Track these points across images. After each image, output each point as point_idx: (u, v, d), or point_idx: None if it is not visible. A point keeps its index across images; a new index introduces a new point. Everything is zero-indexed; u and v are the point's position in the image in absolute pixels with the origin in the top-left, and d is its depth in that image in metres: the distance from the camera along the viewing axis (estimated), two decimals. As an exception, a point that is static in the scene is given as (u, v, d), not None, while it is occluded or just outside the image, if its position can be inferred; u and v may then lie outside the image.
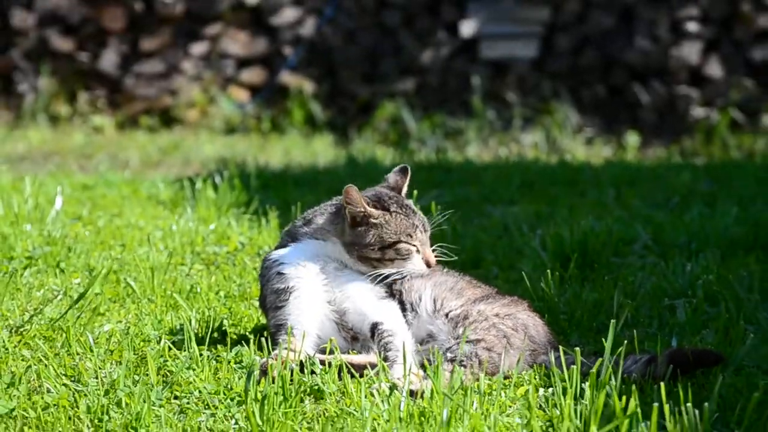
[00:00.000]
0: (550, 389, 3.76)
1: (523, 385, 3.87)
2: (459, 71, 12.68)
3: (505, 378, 3.95)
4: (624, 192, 7.26)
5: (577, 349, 3.61)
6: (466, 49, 12.71)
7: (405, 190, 4.38)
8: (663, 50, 12.39)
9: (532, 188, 7.57)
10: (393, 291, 4.21)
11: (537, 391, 3.81)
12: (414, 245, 4.23)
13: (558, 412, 3.53)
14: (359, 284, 4.19)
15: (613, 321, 3.55)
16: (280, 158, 10.20)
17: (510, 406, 3.71)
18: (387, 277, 4.20)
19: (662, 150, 11.29)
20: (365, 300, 4.14)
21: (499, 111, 12.44)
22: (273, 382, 3.61)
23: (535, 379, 3.92)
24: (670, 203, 6.89)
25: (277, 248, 4.33)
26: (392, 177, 4.40)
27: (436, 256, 4.29)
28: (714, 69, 12.39)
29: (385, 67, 12.72)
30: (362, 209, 4.18)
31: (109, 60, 12.68)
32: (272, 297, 4.17)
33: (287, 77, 12.77)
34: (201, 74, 12.76)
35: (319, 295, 4.15)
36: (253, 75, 12.87)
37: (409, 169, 4.43)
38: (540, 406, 3.71)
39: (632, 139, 11.89)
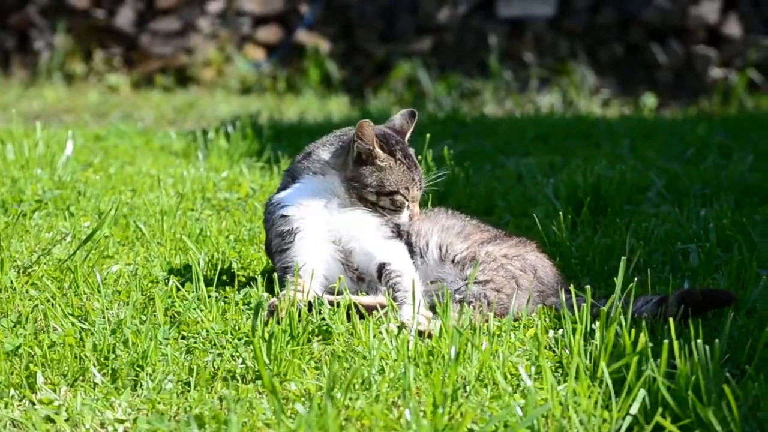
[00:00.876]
0: (560, 330, 3.72)
1: (532, 326, 3.81)
2: (476, 30, 12.60)
3: (515, 320, 3.90)
4: (639, 144, 7.20)
5: (588, 287, 3.56)
6: (483, 7, 12.62)
7: (409, 136, 4.32)
8: (681, 8, 12.28)
9: (546, 141, 7.51)
10: (401, 231, 4.16)
11: (546, 332, 3.76)
12: (408, 200, 4.18)
13: (567, 352, 3.48)
14: (365, 223, 4.13)
15: (624, 258, 3.49)
16: (294, 117, 10.14)
17: (519, 348, 3.66)
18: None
19: (679, 111, 11.19)
20: (372, 240, 4.09)
21: (516, 71, 12.37)
22: (280, 322, 3.57)
23: (545, 320, 3.87)
24: (685, 154, 6.83)
25: (279, 190, 4.27)
26: (398, 119, 4.34)
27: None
28: (732, 28, 12.28)
29: (401, 26, 12.64)
30: (371, 147, 4.12)
31: (125, 17, 12.63)
32: (277, 240, 4.12)
33: (303, 36, 12.71)
34: (217, 32, 12.71)
35: (323, 236, 4.10)
36: (269, 33, 12.81)
37: (416, 114, 4.36)
38: (549, 347, 3.66)
39: (649, 100, 11.80)
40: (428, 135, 5.04)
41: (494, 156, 6.73)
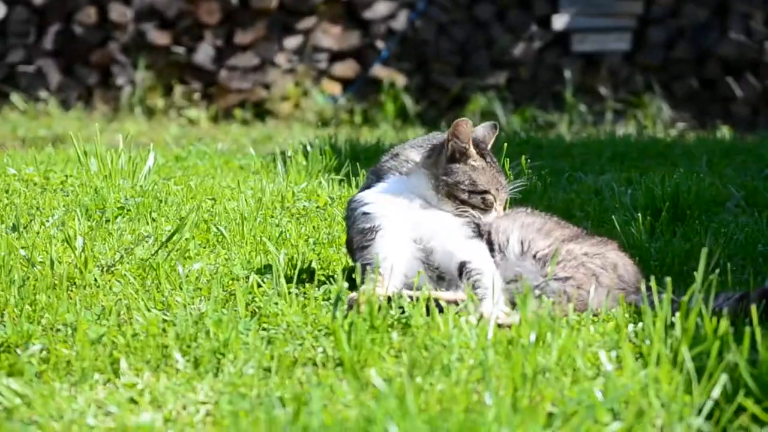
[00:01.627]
0: (640, 324, 3.69)
1: (612, 320, 3.79)
2: (550, 65, 12.62)
3: (594, 315, 3.88)
4: (716, 162, 7.15)
5: (669, 279, 3.52)
6: (557, 43, 12.64)
7: (490, 147, 4.33)
8: (757, 44, 12.22)
9: (622, 161, 7.49)
10: (481, 230, 4.16)
11: (626, 326, 3.74)
12: (497, 201, 4.19)
13: (648, 343, 3.46)
14: (446, 222, 4.13)
15: (704, 250, 3.45)
16: (372, 140, 10.20)
17: (599, 339, 3.64)
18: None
19: (757, 137, 11.10)
20: (453, 238, 4.09)
21: (591, 104, 12.35)
22: (359, 313, 3.57)
23: (625, 316, 3.84)
24: (764, 172, 6.77)
25: (362, 189, 4.30)
26: (481, 130, 4.34)
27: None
28: (810, 63, 12.20)
29: (476, 61, 12.68)
30: (466, 146, 4.15)
31: (204, 53, 12.79)
32: (358, 237, 4.13)
33: (379, 70, 12.78)
34: (294, 67, 12.82)
35: (405, 234, 4.10)
36: (345, 68, 12.90)
37: (498, 126, 4.39)
38: (629, 339, 3.64)
39: (725, 133, 11.70)
40: (505, 145, 5.05)
41: (570, 173, 6.72)
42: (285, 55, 12.87)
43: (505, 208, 4.28)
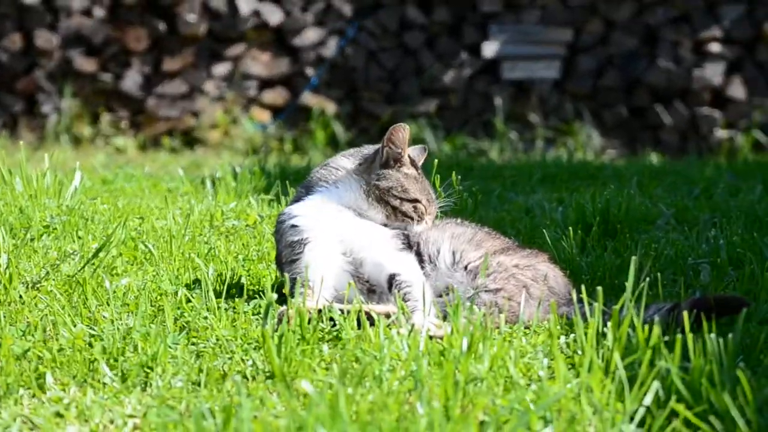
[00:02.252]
0: (572, 336, 3.70)
1: (543, 333, 3.80)
2: (481, 92, 12.68)
3: (525, 327, 3.89)
4: (646, 183, 7.22)
5: (600, 288, 3.54)
6: (487, 70, 12.71)
7: (420, 163, 4.35)
8: (686, 71, 12.37)
9: (553, 182, 7.55)
10: (410, 242, 4.16)
11: (558, 338, 3.75)
12: (429, 214, 4.20)
13: (580, 353, 3.47)
14: (376, 235, 4.13)
15: (634, 258, 3.48)
16: (302, 164, 10.22)
17: (530, 351, 3.65)
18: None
19: (686, 161, 11.24)
20: (382, 251, 4.08)
21: (522, 132, 12.43)
22: (290, 324, 3.56)
23: (557, 327, 3.85)
24: (693, 192, 6.85)
25: (292, 203, 4.29)
26: (412, 151, 4.36)
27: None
28: (737, 90, 12.36)
29: (407, 88, 12.73)
30: (401, 152, 4.17)
31: (131, 80, 12.72)
32: (287, 251, 4.12)
33: (309, 98, 12.79)
34: (223, 95, 12.79)
35: (334, 247, 4.09)
36: (275, 96, 12.89)
37: (426, 149, 4.42)
38: (561, 350, 3.65)
39: (655, 160, 11.82)
40: (436, 162, 5.06)
41: (502, 194, 6.76)
42: (214, 83, 12.84)
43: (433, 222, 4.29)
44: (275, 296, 3.72)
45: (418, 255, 4.12)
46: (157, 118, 12.74)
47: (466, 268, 4.05)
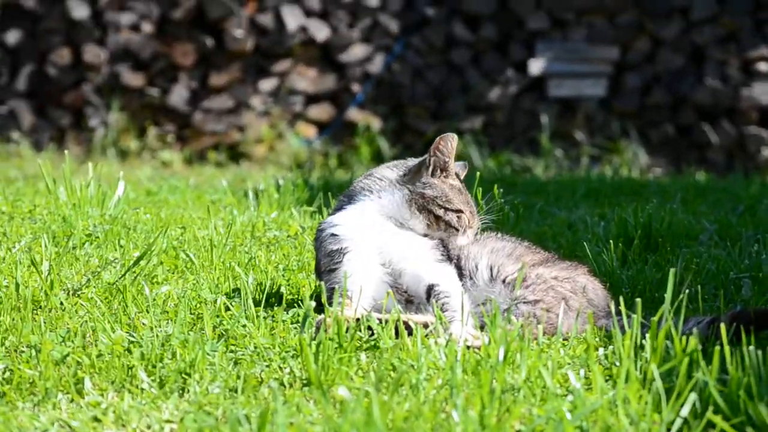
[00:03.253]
0: (610, 348, 3.69)
1: (582, 344, 3.79)
2: (527, 109, 12.68)
3: (564, 339, 3.89)
4: (690, 200, 7.20)
5: (639, 300, 3.53)
6: (534, 88, 12.71)
7: (462, 176, 4.37)
8: (733, 90, 12.30)
9: (596, 197, 7.55)
10: (450, 255, 4.16)
11: (596, 350, 3.74)
12: (471, 227, 4.20)
13: (618, 364, 3.46)
14: (416, 245, 4.14)
15: (672, 270, 3.46)
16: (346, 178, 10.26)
17: (568, 363, 3.64)
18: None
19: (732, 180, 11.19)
20: (422, 261, 4.09)
21: (567, 149, 12.42)
22: (327, 333, 3.56)
23: (595, 339, 3.84)
24: (738, 209, 6.82)
25: (333, 212, 4.30)
26: (454, 167, 4.37)
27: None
28: (785, 109, 12.29)
29: (452, 105, 12.74)
30: (448, 161, 4.18)
31: (178, 95, 12.80)
32: (326, 260, 4.13)
33: (355, 114, 12.82)
34: (269, 110, 12.85)
35: (373, 257, 4.10)
36: (320, 111, 12.94)
37: (467, 165, 4.45)
38: (599, 362, 3.64)
39: (701, 178, 11.76)
40: (478, 175, 5.07)
41: (544, 209, 6.77)
42: (260, 98, 12.90)
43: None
44: (313, 305, 3.73)
45: (458, 269, 4.11)
46: (203, 132, 12.82)
47: (504, 281, 4.05)
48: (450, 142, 4.17)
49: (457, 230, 4.17)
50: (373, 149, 12.59)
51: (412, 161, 4.31)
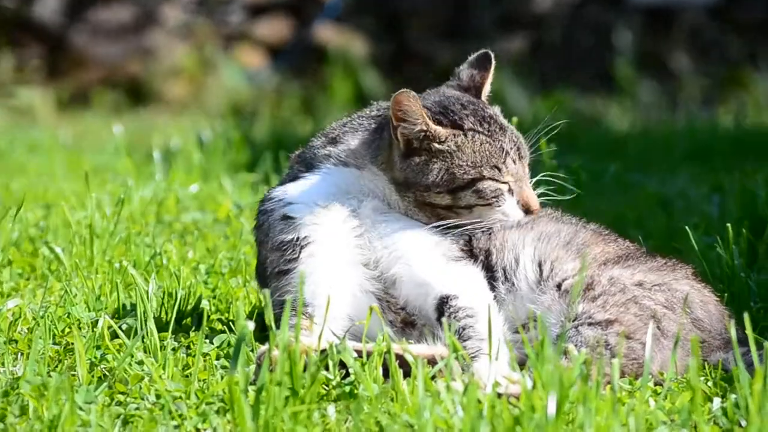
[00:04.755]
0: (732, 396, 3.63)
1: (685, 391, 3.73)
2: (595, 23, 12.67)
3: (656, 384, 3.82)
4: None
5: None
6: (607, -11, 12.72)
7: (487, 91, 4.28)
8: None
9: (706, 158, 7.52)
10: (473, 249, 4.10)
11: (710, 400, 3.67)
12: (505, 182, 4.12)
13: (744, 423, 3.41)
14: (416, 236, 4.10)
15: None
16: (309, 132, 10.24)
17: (662, 422, 3.58)
18: (460, 226, 4.10)
19: None
20: (428, 262, 4.04)
21: (659, 84, 12.40)
22: (273, 370, 3.50)
23: (705, 383, 3.78)
24: None
25: (282, 182, 4.25)
26: (466, 72, 4.35)
27: (540, 196, 4.19)
28: None
29: (477, 16, 12.72)
30: (422, 127, 4.09)
31: (47, 4, 12.77)
32: (275, 256, 4.09)
33: (326, 32, 12.83)
34: (191, 26, 12.83)
35: (349, 254, 4.07)
36: (272, 28, 12.94)
37: (492, 58, 4.37)
38: (713, 420, 3.58)
39: None
40: (516, 121, 5.00)
41: (622, 176, 6.72)
42: (176, 7, 12.88)
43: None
44: (252, 327, 3.65)
45: (487, 269, 4.06)
46: (86, 60, 12.79)
47: (559, 287, 3.98)
48: (409, 102, 4.07)
49: (488, 205, 4.10)
50: (354, 86, 12.57)
51: (370, 118, 4.25)
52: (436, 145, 4.10)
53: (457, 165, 4.09)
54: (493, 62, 4.37)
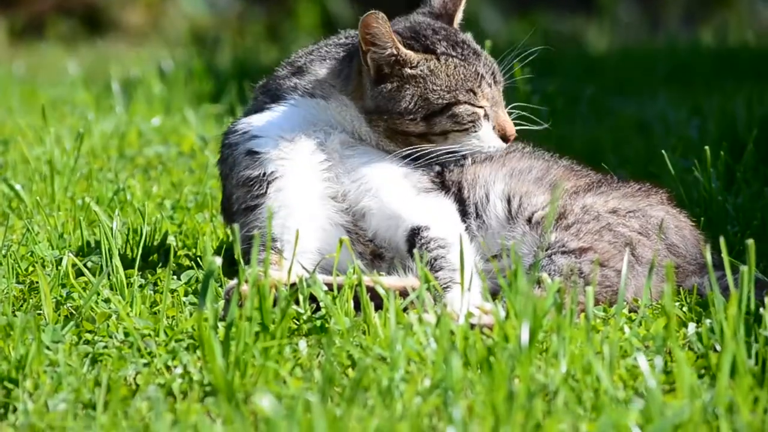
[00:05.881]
0: (707, 321, 3.71)
1: (659, 317, 3.81)
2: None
3: (630, 311, 3.91)
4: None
5: (751, 242, 3.53)
6: None
7: (459, 18, 4.36)
8: None
9: (687, 79, 7.51)
10: (445, 181, 4.18)
11: (683, 326, 3.76)
12: (480, 106, 4.20)
13: (718, 350, 3.49)
14: (385, 169, 4.19)
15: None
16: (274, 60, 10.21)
17: (636, 348, 3.66)
18: (430, 155, 4.18)
19: None
20: (398, 193, 4.14)
21: (641, 1, 12.41)
22: (242, 305, 3.56)
23: (680, 309, 3.87)
24: None
25: (247, 113, 4.33)
26: None
27: (514, 123, 4.26)
28: None
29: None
30: (393, 51, 4.16)
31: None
32: (241, 192, 4.16)
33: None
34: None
35: (317, 187, 4.15)
36: (234, -52, 12.90)
37: None
38: (689, 346, 3.67)
39: None
40: (489, 45, 5.07)
41: (599, 99, 6.76)
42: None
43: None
44: (220, 262, 3.71)
45: (460, 203, 4.14)
46: (38, -13, 12.76)
47: (530, 220, 4.07)
48: (378, 24, 4.13)
49: (463, 131, 4.19)
50: (320, 10, 12.55)
51: (338, 46, 4.32)
52: (408, 70, 4.17)
53: (431, 90, 4.16)
54: None
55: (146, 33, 12.55)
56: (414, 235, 4.04)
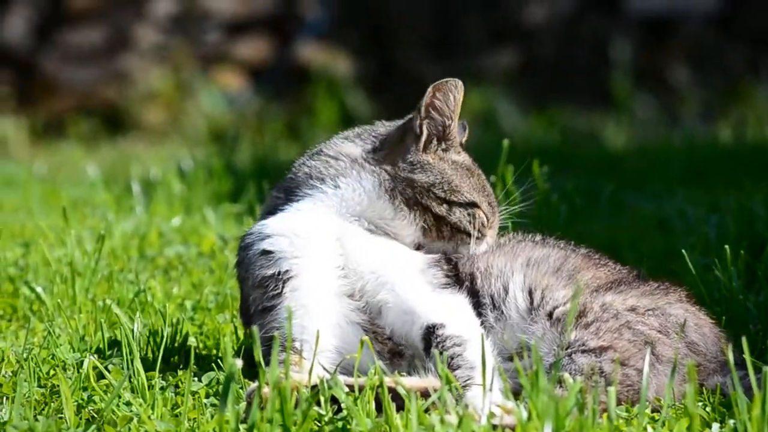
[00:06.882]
0: (730, 422, 3.71)
1: (682, 417, 3.81)
2: (591, 34, 12.70)
3: (653, 411, 3.91)
4: None
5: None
6: (602, 0, 12.73)
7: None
8: None
9: (704, 176, 7.53)
10: (460, 275, 4.19)
11: (708, 427, 3.76)
12: (491, 224, 4.28)
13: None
14: (403, 263, 4.17)
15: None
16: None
17: (659, 451, 3.67)
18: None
19: None
20: (414, 290, 4.12)
21: (657, 98, 12.41)
22: (264, 408, 3.57)
23: (703, 409, 3.87)
24: None
25: (263, 215, 4.35)
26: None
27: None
28: None
29: (468, 30, 12.75)
30: (451, 124, 4.23)
31: (15, 27, 12.79)
32: (258, 293, 4.16)
33: (308, 50, 12.85)
34: (167, 47, 12.83)
35: (333, 285, 4.14)
36: (253, 48, 12.95)
37: (466, 126, 4.47)
38: (711, 451, 3.67)
39: None
40: (506, 144, 5.09)
41: (618, 196, 6.77)
42: (151, 27, 12.90)
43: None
44: (241, 364, 3.72)
45: (474, 296, 4.14)
46: (57, 85, 12.80)
47: (550, 315, 4.07)
48: (453, 94, 4.18)
49: (469, 235, 4.20)
50: (339, 106, 12.58)
51: (384, 127, 4.34)
52: (453, 155, 4.22)
53: (462, 180, 4.22)
54: (467, 131, 4.50)
55: (166, 131, 12.57)
56: (430, 334, 4.03)
